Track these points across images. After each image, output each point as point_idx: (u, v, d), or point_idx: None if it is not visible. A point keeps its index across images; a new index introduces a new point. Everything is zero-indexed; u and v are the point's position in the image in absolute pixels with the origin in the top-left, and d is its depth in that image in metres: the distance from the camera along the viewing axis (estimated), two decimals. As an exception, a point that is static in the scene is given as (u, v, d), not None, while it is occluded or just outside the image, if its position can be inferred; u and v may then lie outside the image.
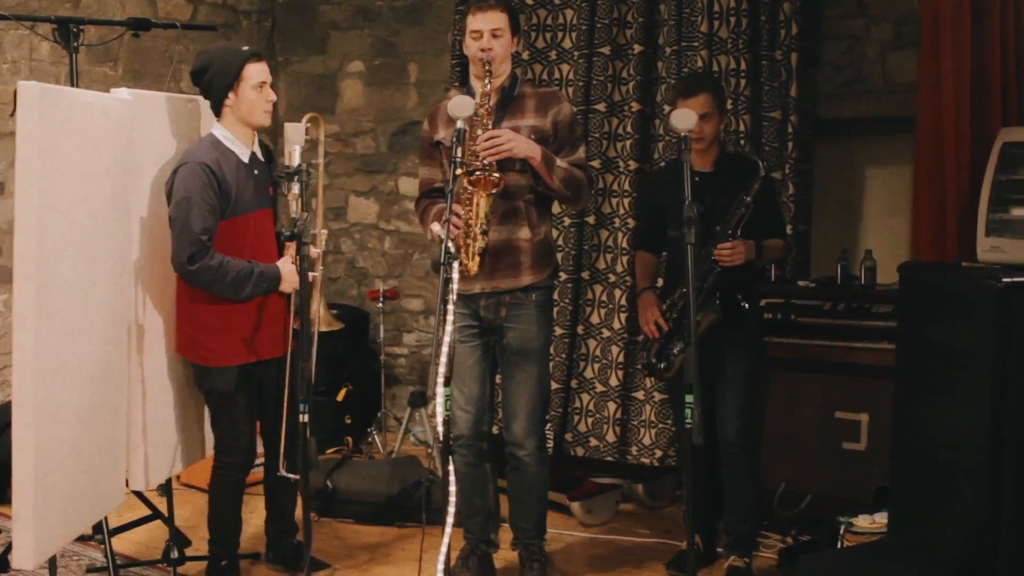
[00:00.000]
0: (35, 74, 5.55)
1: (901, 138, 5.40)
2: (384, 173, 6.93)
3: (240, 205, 4.04)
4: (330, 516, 5.14)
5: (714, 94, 4.36)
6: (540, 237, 4.17)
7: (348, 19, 6.97)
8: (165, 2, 6.34)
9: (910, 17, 5.30)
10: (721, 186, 4.33)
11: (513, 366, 4.20)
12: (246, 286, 4.00)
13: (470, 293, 4.10)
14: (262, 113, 4.09)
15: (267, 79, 4.09)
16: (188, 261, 3.90)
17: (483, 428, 4.28)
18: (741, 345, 4.39)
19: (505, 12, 4.07)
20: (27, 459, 3.44)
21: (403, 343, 6.96)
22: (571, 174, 4.10)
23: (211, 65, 4.05)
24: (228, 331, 4.06)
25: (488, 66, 3.99)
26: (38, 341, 3.45)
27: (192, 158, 3.98)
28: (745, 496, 4.45)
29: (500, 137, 3.93)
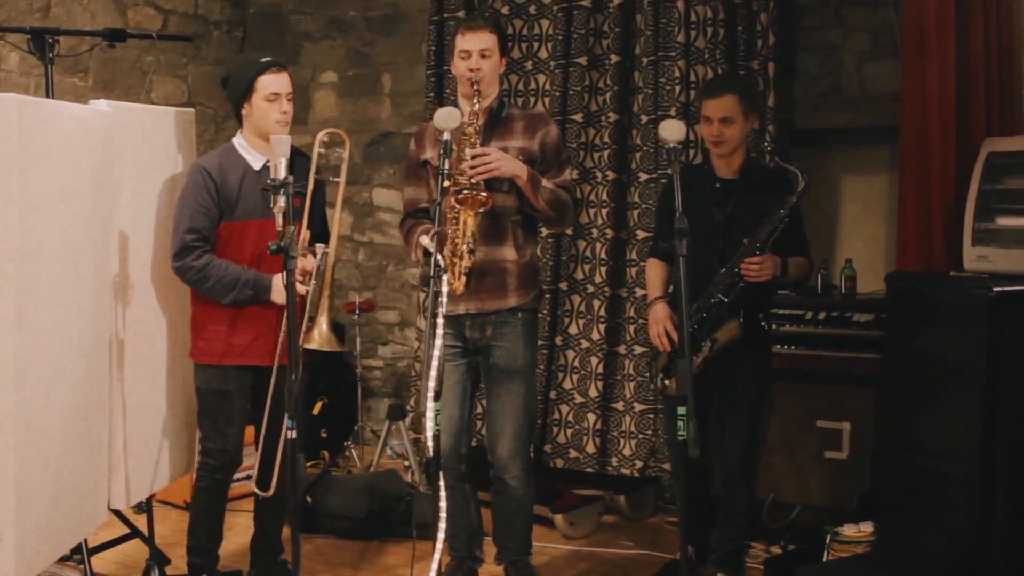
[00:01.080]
0: (3, 85, 5.46)
1: (878, 147, 5.45)
2: (358, 184, 6.88)
3: (242, 210, 4.06)
4: (310, 532, 5.08)
5: (741, 97, 4.20)
6: (526, 259, 4.14)
7: (321, 29, 6.93)
8: (135, 12, 6.27)
9: (886, 28, 5.34)
10: (746, 195, 4.20)
11: (498, 386, 4.15)
12: (230, 292, 4.00)
13: (455, 314, 4.06)
14: (274, 124, 4.06)
15: (281, 90, 4.08)
16: (173, 258, 3.99)
17: (461, 450, 4.22)
18: (752, 370, 4.27)
19: (494, 32, 4.06)
20: (7, 478, 3.37)
21: (378, 355, 6.92)
22: (557, 195, 4.07)
23: (230, 75, 4.13)
24: (215, 331, 4.09)
25: (476, 86, 3.97)
26: (19, 360, 3.38)
27: (198, 162, 4.11)
28: (739, 518, 4.39)
29: (488, 156, 3.91)
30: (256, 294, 4.03)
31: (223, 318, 4.07)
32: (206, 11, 6.79)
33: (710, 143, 4.30)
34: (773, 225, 4.09)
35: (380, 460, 6.08)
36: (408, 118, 6.66)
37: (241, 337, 4.09)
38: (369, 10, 6.78)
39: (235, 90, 4.09)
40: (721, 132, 4.20)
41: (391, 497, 5.09)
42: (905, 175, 4.35)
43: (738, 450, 4.32)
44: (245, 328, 4.08)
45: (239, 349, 4.10)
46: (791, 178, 4.12)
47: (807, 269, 4.36)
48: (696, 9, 5.38)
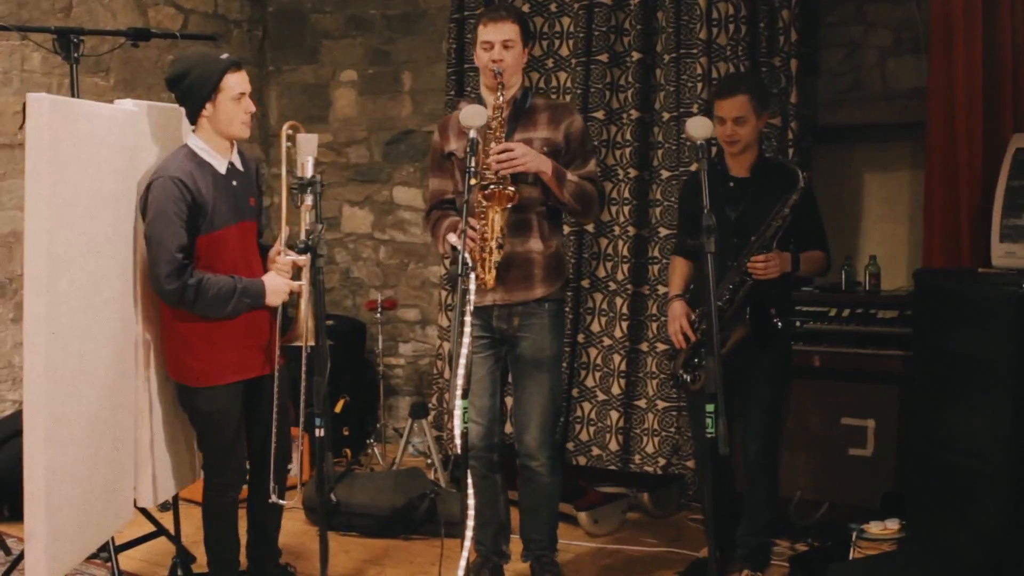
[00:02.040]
0: (27, 85, 5.48)
1: (900, 144, 5.43)
2: (378, 183, 6.89)
3: (217, 219, 3.86)
4: (334, 530, 5.08)
5: (752, 96, 4.23)
6: (552, 250, 4.15)
7: (340, 28, 6.93)
8: (156, 11, 6.28)
9: (909, 23, 5.32)
10: (757, 193, 4.23)
11: (525, 377, 4.18)
12: (228, 303, 3.83)
13: (482, 305, 4.07)
14: (240, 125, 3.91)
15: (246, 90, 3.90)
16: (166, 280, 3.75)
17: (494, 440, 4.26)
18: (769, 365, 4.28)
19: (516, 23, 4.05)
20: (39, 477, 3.39)
21: (400, 353, 6.92)
22: (582, 188, 4.08)
23: (189, 72, 3.84)
24: (212, 350, 3.90)
25: (499, 78, 3.96)
26: (49, 358, 3.40)
27: (165, 172, 3.79)
28: (762, 513, 4.40)
29: (513, 151, 3.91)
30: (253, 301, 3.91)
31: (218, 335, 3.89)
32: (226, 10, 6.80)
33: (724, 143, 4.33)
34: (777, 223, 4.12)
35: (403, 458, 6.08)
36: (428, 116, 6.65)
37: (238, 350, 3.95)
38: (389, 8, 6.78)
39: (198, 89, 3.83)
40: (735, 132, 4.23)
41: (415, 495, 5.09)
42: (931, 171, 4.32)
43: (756, 443, 4.34)
44: (240, 340, 3.95)
45: (239, 364, 3.96)
46: (794, 179, 4.13)
47: (823, 263, 4.36)
48: (718, 6, 5.36)
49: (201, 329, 3.88)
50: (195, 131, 3.94)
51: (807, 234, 4.29)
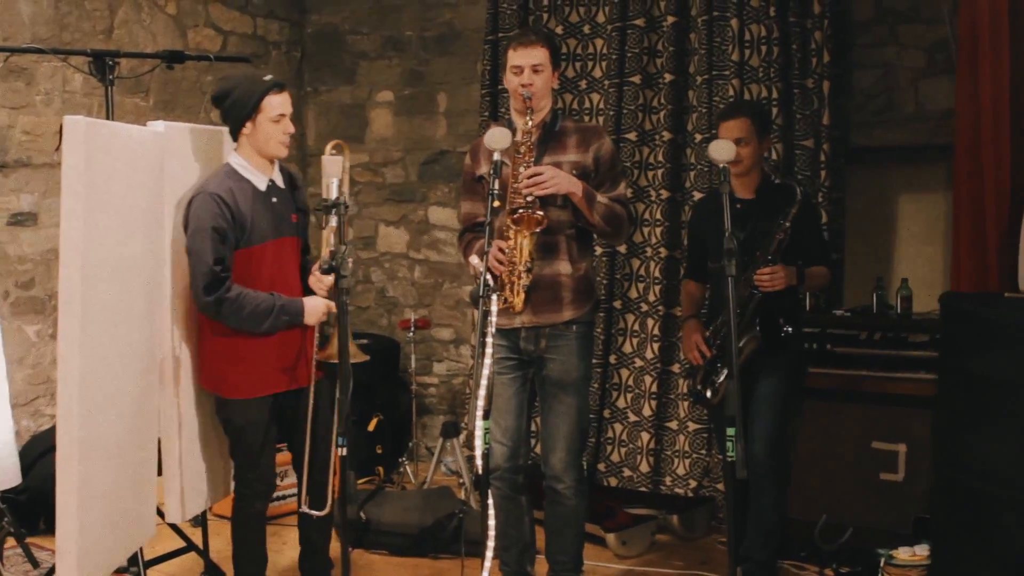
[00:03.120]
0: (68, 106, 5.58)
1: (934, 166, 5.40)
2: (413, 202, 6.94)
3: (255, 235, 3.97)
4: (364, 548, 5.11)
5: (753, 119, 4.38)
6: (581, 272, 4.15)
7: (377, 49, 7.00)
8: (195, 33, 6.38)
9: (942, 45, 5.30)
10: (762, 213, 4.33)
11: (552, 398, 4.17)
12: (265, 320, 3.93)
13: (511, 327, 4.09)
14: (278, 144, 4.01)
15: (287, 111, 4.01)
16: (204, 292, 3.85)
17: (519, 461, 4.25)
18: (776, 368, 4.37)
19: (546, 47, 4.06)
20: (73, 491, 3.44)
21: (433, 372, 6.95)
22: (612, 210, 4.08)
23: (232, 92, 3.98)
24: (246, 363, 3.99)
25: (529, 102, 3.98)
26: (83, 374, 3.45)
27: (205, 188, 3.93)
28: (766, 521, 4.38)
29: (543, 174, 3.91)
30: (291, 319, 3.98)
31: (254, 350, 3.98)
32: (265, 32, 6.89)
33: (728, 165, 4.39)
34: (779, 236, 4.23)
35: (434, 477, 6.10)
36: (463, 136, 6.70)
37: (273, 366, 4.03)
38: (425, 29, 6.84)
39: (239, 108, 3.96)
40: (737, 152, 4.25)
41: (444, 514, 5.10)
42: (958, 193, 4.28)
43: (761, 444, 4.34)
44: (276, 356, 4.03)
45: (273, 378, 4.04)
46: (792, 193, 4.26)
47: (826, 277, 4.53)
48: (750, 28, 5.37)
49: (236, 343, 3.97)
50: (236, 149, 4.06)
51: (810, 249, 4.42)
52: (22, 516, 4.86)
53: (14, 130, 5.41)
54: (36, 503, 4.96)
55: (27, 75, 5.44)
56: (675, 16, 5.54)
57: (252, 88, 3.96)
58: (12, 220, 5.42)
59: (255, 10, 6.81)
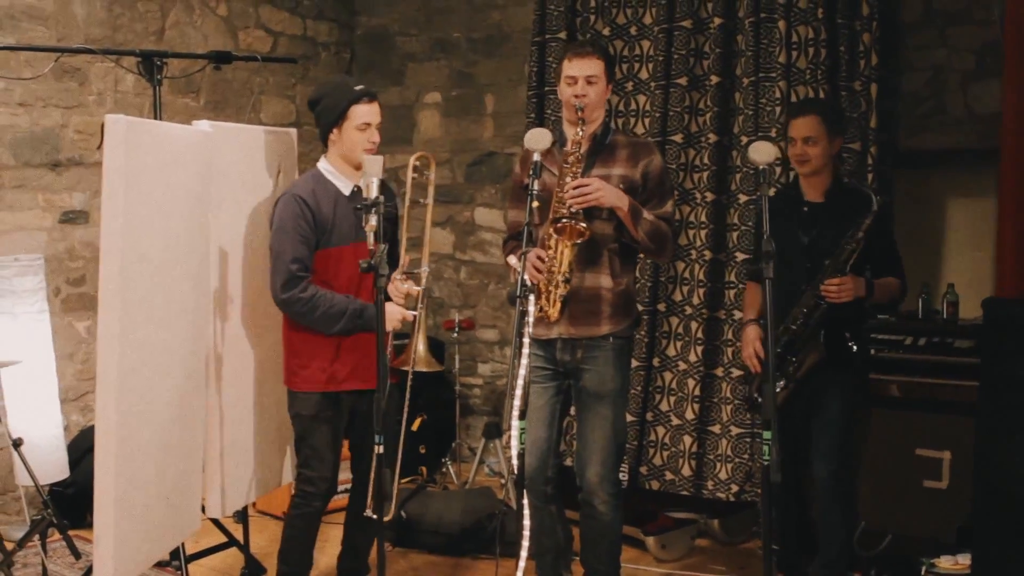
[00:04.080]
0: (120, 105, 5.68)
1: (983, 170, 5.30)
2: (460, 203, 6.97)
3: (336, 236, 4.07)
4: (404, 546, 5.15)
5: (824, 118, 4.28)
6: (622, 287, 4.11)
7: (426, 51, 7.03)
8: (246, 34, 6.45)
9: (992, 47, 5.22)
10: (831, 218, 4.23)
11: (588, 410, 4.12)
12: (338, 322, 4.01)
13: (547, 338, 4.08)
14: (362, 152, 4.04)
15: (373, 120, 4.09)
16: (280, 290, 3.98)
17: (548, 472, 4.19)
18: (841, 385, 4.28)
19: (602, 60, 4.04)
20: (108, 483, 3.51)
21: (478, 373, 6.97)
22: (657, 227, 4.03)
23: (322, 99, 4.11)
24: (313, 357, 4.08)
25: (581, 113, 3.96)
26: (121, 370, 3.51)
27: (291, 190, 4.07)
28: (835, 541, 4.31)
29: (589, 186, 3.87)
30: (365, 324, 4.03)
31: (326, 347, 4.07)
32: (314, 33, 6.95)
33: (795, 163, 4.36)
34: (851, 247, 4.12)
35: (476, 477, 6.12)
36: (510, 138, 6.71)
37: (344, 364, 4.11)
38: (473, 31, 6.87)
39: (327, 115, 4.09)
40: (804, 151, 4.26)
41: (484, 514, 5.12)
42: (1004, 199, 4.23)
43: (825, 470, 4.27)
44: (347, 355, 4.10)
45: (342, 375, 4.12)
46: (868, 202, 4.15)
47: (897, 290, 4.35)
48: (797, 29, 5.32)
49: (309, 338, 4.08)
50: (326, 154, 4.19)
51: (881, 260, 4.29)
52: (69, 509, 4.95)
53: (67, 129, 5.51)
54: (83, 497, 5.03)
55: (80, 75, 5.54)
56: (722, 18, 5.51)
57: (340, 96, 4.07)
58: (64, 218, 5.52)
59: (305, 11, 6.87)
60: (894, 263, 4.38)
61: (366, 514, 4.15)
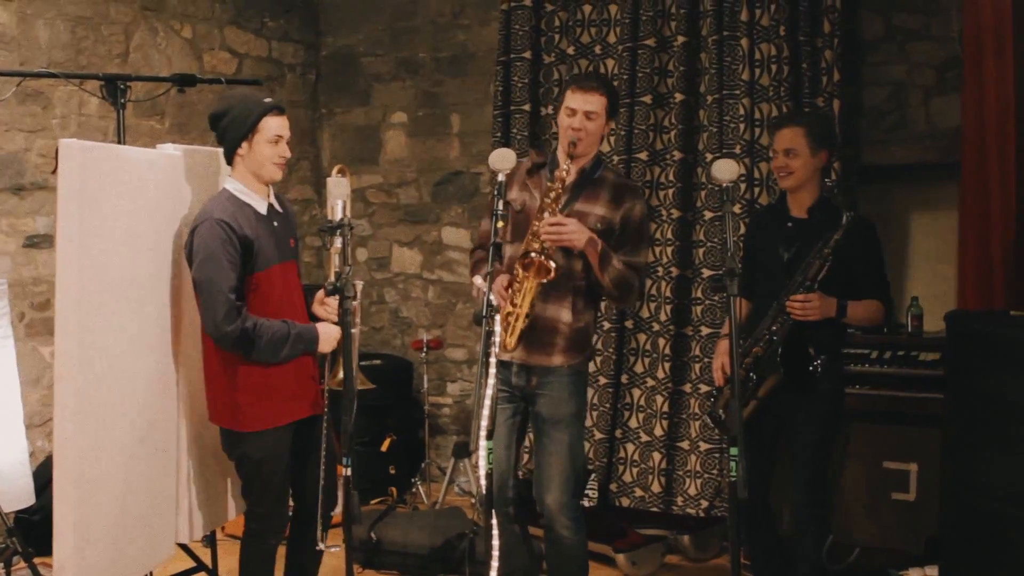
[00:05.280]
0: (83, 129, 5.65)
1: (945, 184, 5.37)
2: (427, 223, 6.97)
3: (262, 259, 3.86)
4: (373, 568, 5.12)
5: (807, 130, 4.20)
6: (580, 324, 4.07)
7: (391, 71, 7.04)
8: (211, 56, 6.44)
9: (952, 62, 5.29)
10: (812, 235, 4.12)
11: (544, 435, 4.09)
12: (283, 348, 3.83)
13: (501, 359, 4.06)
14: (273, 167, 3.91)
15: (284, 134, 3.91)
16: (223, 323, 3.73)
17: (508, 493, 4.17)
18: (809, 412, 4.19)
19: (605, 96, 3.98)
20: (68, 512, 3.47)
21: (447, 393, 6.97)
22: (623, 276, 3.98)
23: (229, 111, 3.88)
24: (265, 393, 3.87)
25: (573, 148, 3.93)
26: (79, 394, 3.49)
27: (208, 215, 3.80)
28: (805, 563, 4.27)
29: (565, 226, 3.85)
30: (306, 347, 3.91)
31: (266, 377, 3.86)
32: (280, 54, 6.95)
33: (776, 175, 4.31)
34: (817, 262, 4.03)
35: (446, 497, 6.10)
36: (476, 157, 6.73)
37: (290, 393, 3.94)
38: (438, 51, 6.88)
39: (235, 128, 3.85)
40: (785, 163, 4.20)
41: (454, 535, 5.10)
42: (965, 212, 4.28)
43: (801, 491, 4.24)
44: (290, 382, 3.93)
45: (291, 405, 3.95)
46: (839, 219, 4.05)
47: (877, 313, 4.21)
48: (760, 47, 5.38)
49: (249, 371, 3.85)
50: (232, 173, 3.96)
51: (864, 281, 4.19)
52: (36, 536, 4.89)
53: (30, 153, 5.47)
54: (49, 523, 4.92)
55: (43, 99, 5.51)
56: (685, 36, 5.55)
57: (250, 108, 3.88)
58: (28, 242, 5.48)
59: (270, 33, 6.87)
60: (878, 285, 4.24)
61: (318, 547, 4.04)
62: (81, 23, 5.66)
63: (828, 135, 4.38)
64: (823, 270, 4.04)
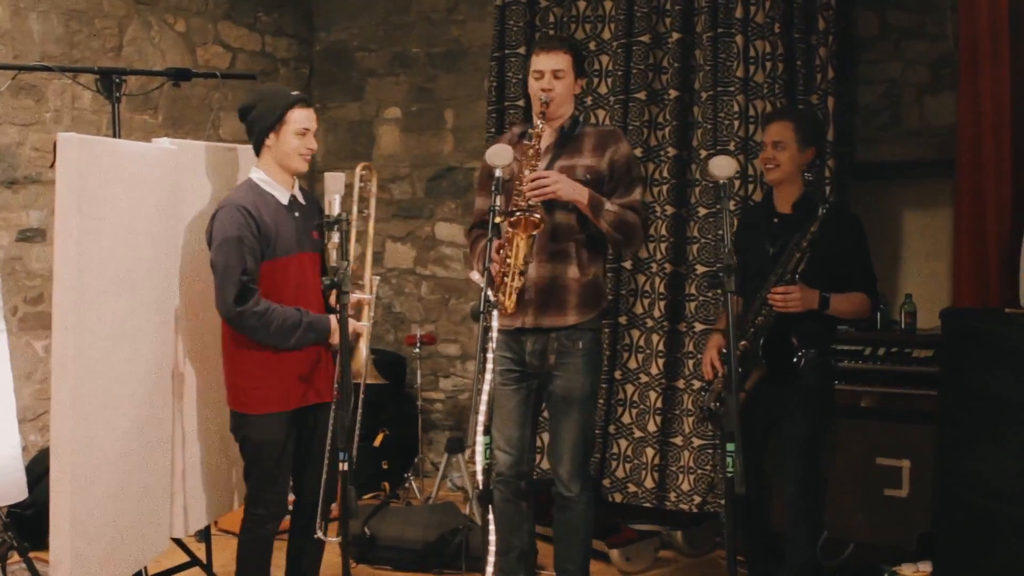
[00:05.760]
0: (77, 123, 5.63)
1: (939, 181, 5.39)
2: (421, 218, 6.97)
3: (280, 247, 3.96)
4: (367, 563, 5.12)
5: (796, 125, 4.27)
6: (589, 277, 4.12)
7: (385, 66, 7.04)
8: (204, 50, 6.42)
9: (946, 60, 5.31)
10: (796, 230, 4.16)
11: (559, 413, 4.16)
12: (293, 335, 3.91)
13: (513, 328, 4.07)
14: (299, 158, 4.01)
15: (311, 126, 4.03)
16: (234, 303, 3.82)
17: (523, 468, 4.24)
18: (796, 407, 4.22)
19: (569, 54, 4.04)
20: (64, 506, 3.47)
21: (440, 388, 6.97)
22: (621, 217, 4.02)
23: (257, 104, 4.02)
24: (271, 377, 3.96)
25: (545, 108, 3.97)
26: (76, 389, 3.49)
27: (229, 202, 3.94)
28: (800, 553, 4.31)
29: (546, 179, 3.90)
30: (317, 336, 3.99)
31: (279, 363, 3.96)
32: (273, 49, 6.94)
33: (763, 168, 4.36)
34: (796, 254, 4.08)
35: (439, 492, 6.11)
36: (470, 153, 6.73)
37: (297, 380, 4.01)
38: (432, 46, 6.88)
39: (263, 120, 3.98)
40: (773, 156, 4.26)
41: (448, 530, 5.11)
42: (960, 209, 4.30)
43: (792, 486, 4.28)
44: (299, 370, 4.01)
45: (297, 392, 4.02)
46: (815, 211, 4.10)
47: (863, 305, 4.25)
48: (755, 44, 5.38)
49: (256, 356, 3.94)
50: (258, 163, 4.06)
51: (849, 274, 4.22)
52: (29, 531, 4.87)
53: (24, 147, 5.46)
54: (42, 518, 4.91)
55: (37, 92, 5.49)
56: (680, 33, 5.55)
57: (277, 100, 4.00)
58: (21, 236, 5.46)
59: (263, 27, 6.86)
60: (864, 278, 4.28)
61: (316, 536, 4.07)
62: (74, 16, 5.64)
63: (817, 133, 4.45)
64: (802, 262, 4.09)
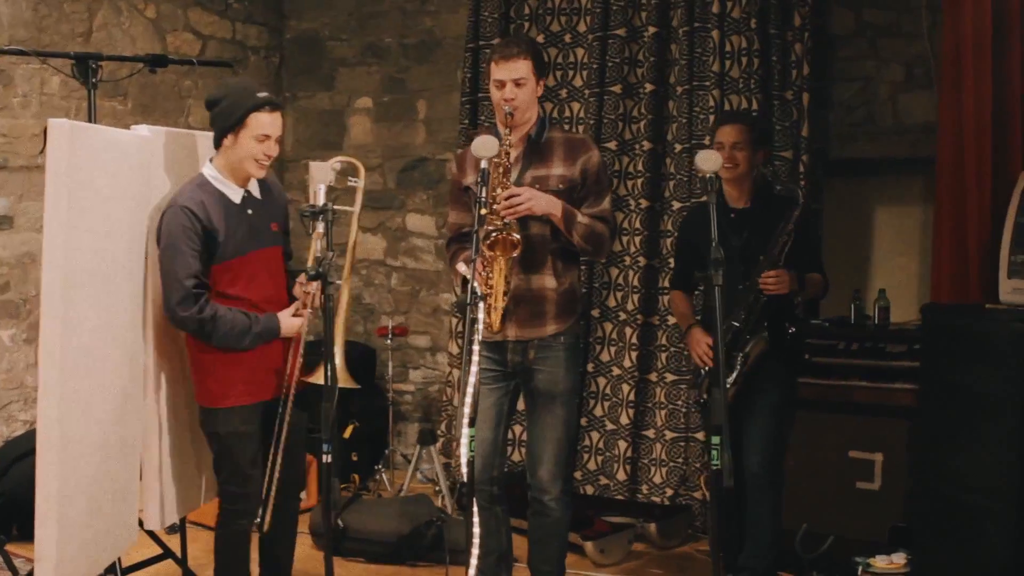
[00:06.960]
0: (45, 108, 5.54)
1: (911, 178, 5.45)
2: (391, 209, 6.93)
3: (229, 249, 3.85)
4: (340, 555, 5.08)
5: (751, 128, 4.45)
6: (565, 286, 4.09)
7: (357, 55, 6.99)
8: (175, 37, 6.35)
9: (921, 59, 5.36)
10: (758, 222, 4.37)
11: (540, 409, 4.12)
12: (243, 340, 3.84)
13: (495, 341, 4.06)
14: (254, 164, 3.86)
15: (273, 132, 3.85)
16: (177, 308, 3.75)
17: (494, 472, 4.18)
18: (771, 378, 4.39)
19: (528, 59, 3.97)
20: (51, 497, 3.42)
21: (410, 380, 6.95)
22: (591, 229, 4.02)
23: (222, 100, 3.84)
24: (235, 371, 3.90)
25: (511, 119, 3.93)
26: (63, 377, 3.43)
27: (176, 202, 3.80)
28: (765, 532, 4.39)
29: (520, 196, 3.86)
30: (269, 337, 3.92)
31: (239, 359, 3.89)
32: (244, 37, 6.87)
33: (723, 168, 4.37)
34: (782, 239, 4.28)
35: (410, 484, 6.09)
36: (442, 144, 6.70)
37: (262, 373, 3.96)
38: (405, 37, 6.84)
39: (224, 118, 3.82)
40: (732, 156, 4.40)
41: (422, 522, 5.09)
42: (941, 206, 4.33)
43: (758, 455, 4.37)
44: (258, 362, 3.94)
45: (263, 385, 3.97)
46: (794, 197, 4.34)
47: (821, 286, 4.58)
48: (731, 39, 5.41)
49: (216, 353, 3.88)
50: (213, 158, 3.93)
51: (806, 257, 4.46)
52: (-3, 521, 4.83)
53: (-9, 133, 5.37)
54: (9, 509, 4.92)
55: (5, 77, 5.40)
56: (656, 27, 5.58)
57: (242, 101, 3.81)
58: (-12, 223, 5.38)
59: (234, 15, 6.79)
60: (817, 259, 4.62)
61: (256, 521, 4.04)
62: (44, 1, 5.55)
63: (767, 135, 4.77)
64: (788, 246, 4.29)
